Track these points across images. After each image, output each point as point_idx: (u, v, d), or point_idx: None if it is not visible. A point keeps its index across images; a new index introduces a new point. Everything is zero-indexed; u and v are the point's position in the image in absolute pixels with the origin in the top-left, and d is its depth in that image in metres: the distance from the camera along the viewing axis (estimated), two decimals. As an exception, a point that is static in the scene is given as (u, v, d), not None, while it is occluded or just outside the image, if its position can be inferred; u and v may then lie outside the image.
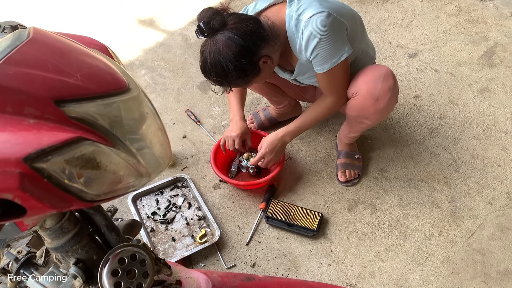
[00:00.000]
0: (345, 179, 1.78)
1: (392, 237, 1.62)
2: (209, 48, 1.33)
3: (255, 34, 1.33)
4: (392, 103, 1.51)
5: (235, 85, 1.42)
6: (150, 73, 2.37)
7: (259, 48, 1.35)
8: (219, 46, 1.30)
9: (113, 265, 0.65)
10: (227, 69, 1.33)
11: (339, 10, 1.38)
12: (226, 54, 1.30)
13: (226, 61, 1.31)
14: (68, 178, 0.48)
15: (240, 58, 1.31)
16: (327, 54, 1.36)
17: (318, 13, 1.32)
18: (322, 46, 1.34)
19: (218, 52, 1.31)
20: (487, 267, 1.53)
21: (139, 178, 0.58)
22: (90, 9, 2.91)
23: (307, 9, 1.34)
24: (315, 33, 1.33)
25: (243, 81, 1.40)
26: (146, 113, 0.61)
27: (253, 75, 1.40)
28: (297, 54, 1.45)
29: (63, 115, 0.50)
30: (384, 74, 1.46)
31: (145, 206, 1.72)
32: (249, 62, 1.34)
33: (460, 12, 2.68)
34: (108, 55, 0.70)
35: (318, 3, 1.35)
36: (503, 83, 2.19)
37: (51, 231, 0.65)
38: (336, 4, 1.41)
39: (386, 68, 1.48)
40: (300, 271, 1.53)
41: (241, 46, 1.30)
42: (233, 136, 1.69)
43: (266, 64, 1.40)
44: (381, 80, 1.45)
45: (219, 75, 1.35)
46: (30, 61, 0.51)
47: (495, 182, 1.78)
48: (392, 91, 1.47)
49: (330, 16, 1.32)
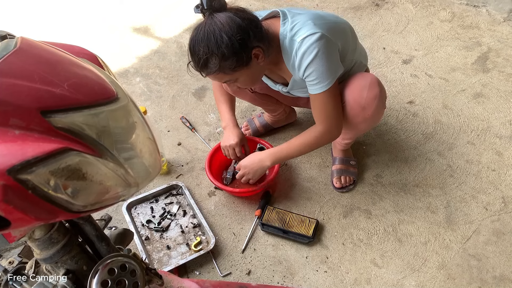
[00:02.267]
0: (340, 185, 1.78)
1: (387, 243, 1.61)
2: (205, 21, 1.26)
3: (254, 23, 1.31)
4: (380, 110, 1.51)
5: (222, 67, 1.30)
6: (145, 80, 2.37)
7: (256, 37, 1.31)
8: (216, 20, 1.25)
9: (103, 276, 0.65)
10: (220, 41, 1.24)
11: (333, 28, 1.38)
12: (223, 27, 1.24)
13: (221, 32, 1.24)
14: (54, 190, 0.47)
15: (237, 33, 1.25)
16: (320, 75, 1.35)
17: (312, 34, 1.30)
18: (315, 67, 1.33)
19: (214, 24, 1.24)
20: (483, 272, 1.52)
21: (127, 188, 0.57)
22: (84, 17, 2.91)
23: (301, 29, 1.33)
24: (308, 54, 1.32)
25: (231, 64, 1.30)
26: (135, 122, 0.61)
27: (243, 62, 1.31)
28: (291, 71, 1.45)
29: (49, 125, 0.49)
30: (369, 82, 1.45)
31: (139, 214, 1.71)
32: (243, 43, 1.27)
33: (453, 18, 2.69)
34: (98, 64, 0.70)
35: (312, 22, 1.33)
36: (497, 88, 2.20)
37: (40, 242, 0.65)
38: (329, 22, 1.39)
39: (372, 77, 1.48)
40: (295, 278, 1.53)
41: (240, 25, 1.25)
42: (233, 144, 1.67)
43: (256, 60, 1.35)
44: (367, 89, 1.45)
45: (209, 47, 1.25)
46: (16, 71, 0.51)
47: (490, 187, 1.78)
48: (379, 99, 1.47)
49: (323, 37, 1.31)
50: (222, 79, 1.38)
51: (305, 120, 2.09)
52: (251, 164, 1.62)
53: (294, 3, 2.96)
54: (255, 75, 1.44)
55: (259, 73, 1.45)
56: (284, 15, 1.38)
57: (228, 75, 1.35)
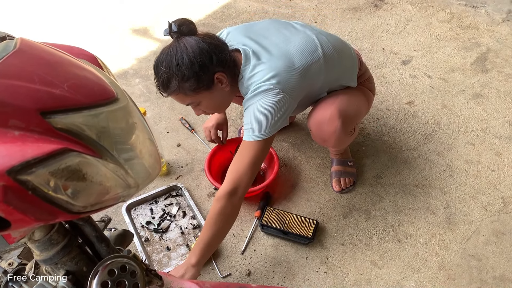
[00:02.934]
0: (340, 189, 1.78)
1: (387, 244, 1.61)
2: (170, 44, 1.31)
3: (220, 49, 1.33)
4: (342, 139, 1.53)
5: (182, 87, 1.31)
6: (144, 81, 2.37)
7: (219, 62, 1.33)
8: (181, 43, 1.29)
9: (103, 277, 0.64)
10: (181, 62, 1.28)
11: (298, 76, 1.36)
12: (185, 49, 1.28)
13: (183, 54, 1.27)
14: (53, 190, 0.47)
15: (198, 56, 1.28)
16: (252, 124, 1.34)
17: (263, 87, 1.32)
18: (251, 116, 1.34)
19: (178, 46, 1.29)
20: (483, 272, 1.52)
21: (127, 189, 0.57)
22: (84, 18, 2.91)
23: (258, 81, 1.33)
24: (250, 104, 1.34)
25: (192, 86, 1.31)
26: (135, 123, 0.61)
27: (204, 85, 1.33)
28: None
29: (49, 126, 0.49)
30: (329, 117, 1.45)
31: (139, 216, 1.71)
32: (205, 66, 1.30)
33: (452, 19, 2.70)
34: (97, 65, 0.70)
35: (274, 76, 1.32)
36: (496, 89, 2.20)
37: (39, 243, 0.65)
38: (298, 69, 1.36)
39: (333, 109, 1.45)
40: (295, 279, 1.52)
41: (203, 49, 1.28)
42: (209, 127, 1.77)
43: (220, 85, 1.36)
44: (326, 123, 1.46)
45: (170, 67, 1.28)
46: (16, 72, 0.51)
47: (490, 187, 1.78)
48: (340, 132, 1.47)
49: (275, 94, 1.31)
50: (184, 100, 1.39)
51: (304, 122, 2.09)
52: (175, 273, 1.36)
53: (294, 4, 2.96)
54: (219, 100, 1.44)
55: (223, 98, 1.45)
56: (246, 59, 1.38)
57: (190, 96, 1.36)
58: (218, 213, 1.34)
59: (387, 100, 2.18)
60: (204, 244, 1.35)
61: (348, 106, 1.49)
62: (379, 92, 2.19)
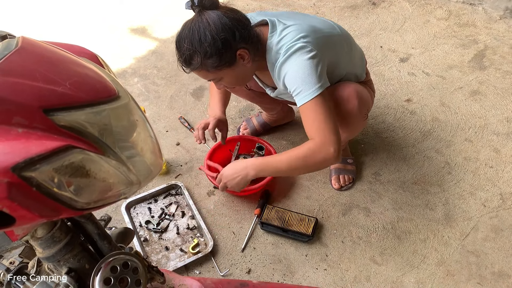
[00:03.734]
0: (339, 186, 1.78)
1: (386, 241, 1.62)
2: (192, 19, 1.28)
3: (243, 24, 1.30)
4: (358, 122, 1.52)
5: (205, 65, 1.30)
6: (143, 81, 2.37)
7: (242, 38, 1.30)
8: (203, 18, 1.26)
9: (105, 274, 0.65)
10: (204, 38, 1.25)
11: (324, 42, 1.36)
12: (208, 25, 1.24)
13: (205, 30, 1.25)
14: (57, 187, 0.48)
15: (221, 32, 1.25)
16: (301, 84, 1.31)
17: (296, 46, 1.30)
18: (295, 77, 1.31)
19: (200, 22, 1.25)
20: (482, 268, 1.53)
21: (129, 186, 0.58)
22: (83, 18, 2.91)
23: (288, 43, 1.32)
24: (289, 66, 1.31)
25: (214, 63, 1.29)
26: (136, 120, 0.61)
27: (226, 62, 1.31)
28: (275, 82, 1.45)
29: (52, 123, 0.50)
30: (347, 95, 1.45)
31: (138, 214, 1.71)
32: (227, 43, 1.27)
33: (450, 16, 2.71)
34: (98, 63, 0.70)
35: (304, 36, 1.31)
36: (494, 85, 2.21)
37: (42, 240, 0.65)
38: (322, 35, 1.37)
39: (352, 88, 1.46)
40: (295, 277, 1.53)
41: (226, 25, 1.26)
42: (207, 120, 1.63)
43: (242, 60, 1.34)
44: (344, 102, 1.45)
45: (193, 44, 1.26)
46: (18, 70, 0.51)
47: (488, 183, 1.79)
48: (357, 112, 1.47)
49: (309, 50, 1.29)
50: (206, 76, 1.38)
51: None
52: (232, 172, 1.48)
53: (291, 2, 2.97)
54: (241, 75, 1.42)
55: (245, 74, 1.43)
56: (273, 26, 1.37)
57: (212, 73, 1.34)
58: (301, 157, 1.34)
59: (386, 98, 2.18)
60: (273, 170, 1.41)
61: (363, 90, 1.50)
62: (377, 90, 2.19)
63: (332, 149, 1.30)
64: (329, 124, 1.31)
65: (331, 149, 1.30)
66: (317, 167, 1.40)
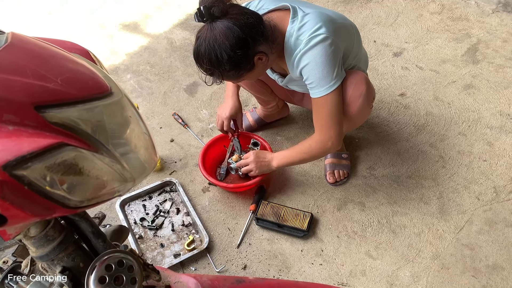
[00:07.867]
0: (334, 180, 1.78)
1: (382, 235, 1.62)
2: (205, 34, 1.29)
3: (255, 28, 1.31)
4: (364, 109, 1.52)
5: (227, 77, 1.38)
6: (135, 77, 2.35)
7: (256, 43, 1.32)
8: (216, 33, 1.27)
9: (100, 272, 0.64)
10: (221, 58, 1.29)
11: (341, 31, 1.39)
12: (222, 43, 1.27)
13: (221, 49, 1.27)
14: (50, 185, 0.47)
15: (236, 49, 1.28)
16: (319, 78, 1.36)
17: (319, 37, 1.32)
18: (314, 70, 1.35)
19: (214, 39, 1.27)
20: (476, 261, 1.54)
21: (123, 183, 0.57)
22: (74, 14, 2.88)
23: (310, 30, 1.34)
24: (310, 56, 1.34)
25: (235, 74, 1.36)
26: (130, 117, 0.60)
27: (246, 69, 1.36)
28: (289, 69, 1.46)
29: (43, 121, 0.49)
30: (356, 80, 1.46)
31: (133, 211, 1.70)
32: (244, 55, 1.31)
33: (443, 10, 2.71)
34: (90, 59, 0.69)
35: (324, 25, 1.34)
36: (487, 79, 2.22)
37: (35, 239, 0.64)
38: (339, 25, 1.40)
39: (360, 74, 1.48)
40: (291, 272, 1.53)
41: (239, 38, 1.27)
42: (223, 117, 1.72)
43: (261, 61, 1.38)
44: (353, 86, 1.45)
45: (211, 63, 1.31)
46: (8, 66, 0.50)
47: (482, 177, 1.80)
48: (364, 97, 1.47)
49: (330, 43, 1.33)
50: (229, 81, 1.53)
51: (297, 115, 2.10)
52: (260, 160, 1.65)
53: (284, -2, 2.95)
54: (259, 73, 1.47)
55: (263, 70, 1.47)
56: (294, 12, 1.38)
57: (234, 80, 1.44)
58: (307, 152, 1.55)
59: (379, 92, 2.18)
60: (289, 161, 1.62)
61: (368, 79, 1.52)
62: (371, 85, 2.20)
63: (330, 143, 1.47)
64: (333, 119, 1.43)
65: (331, 145, 1.48)
66: (320, 157, 1.64)
